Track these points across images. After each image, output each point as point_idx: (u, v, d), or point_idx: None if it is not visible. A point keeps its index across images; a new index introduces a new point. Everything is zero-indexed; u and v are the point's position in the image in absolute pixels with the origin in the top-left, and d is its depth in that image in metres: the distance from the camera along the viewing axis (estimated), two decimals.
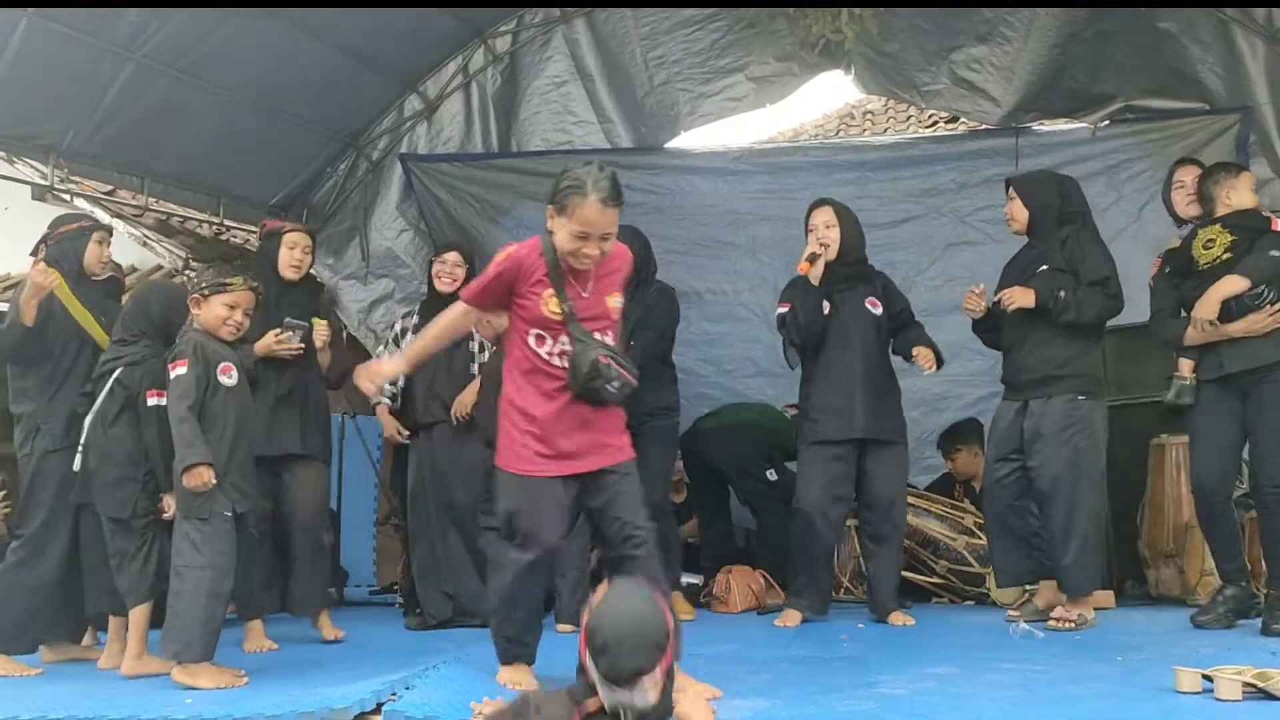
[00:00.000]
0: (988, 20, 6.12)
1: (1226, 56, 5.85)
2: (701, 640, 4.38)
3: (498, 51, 6.71)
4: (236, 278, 3.92)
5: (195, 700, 3.30)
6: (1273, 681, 2.95)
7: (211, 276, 3.93)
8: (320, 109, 6.37)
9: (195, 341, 3.79)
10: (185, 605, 3.60)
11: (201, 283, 3.91)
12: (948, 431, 6.02)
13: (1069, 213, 4.58)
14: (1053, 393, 4.43)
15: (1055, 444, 4.39)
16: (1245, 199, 4.24)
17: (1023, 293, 4.43)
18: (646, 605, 2.50)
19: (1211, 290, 4.19)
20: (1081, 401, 4.41)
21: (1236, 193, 4.24)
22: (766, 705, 3.03)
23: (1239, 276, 4.14)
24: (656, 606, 2.49)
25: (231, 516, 3.71)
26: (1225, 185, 4.26)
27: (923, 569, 5.43)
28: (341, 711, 3.01)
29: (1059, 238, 4.52)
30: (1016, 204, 4.62)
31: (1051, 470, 4.38)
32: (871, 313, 4.76)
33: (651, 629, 2.43)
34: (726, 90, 6.63)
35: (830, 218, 4.78)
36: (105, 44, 4.98)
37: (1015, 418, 4.54)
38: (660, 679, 2.42)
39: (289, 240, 4.73)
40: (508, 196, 6.80)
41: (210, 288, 3.85)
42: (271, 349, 4.50)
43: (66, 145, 5.31)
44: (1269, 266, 4.12)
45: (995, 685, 3.28)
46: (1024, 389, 4.53)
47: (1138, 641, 4.02)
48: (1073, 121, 6.37)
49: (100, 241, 4.37)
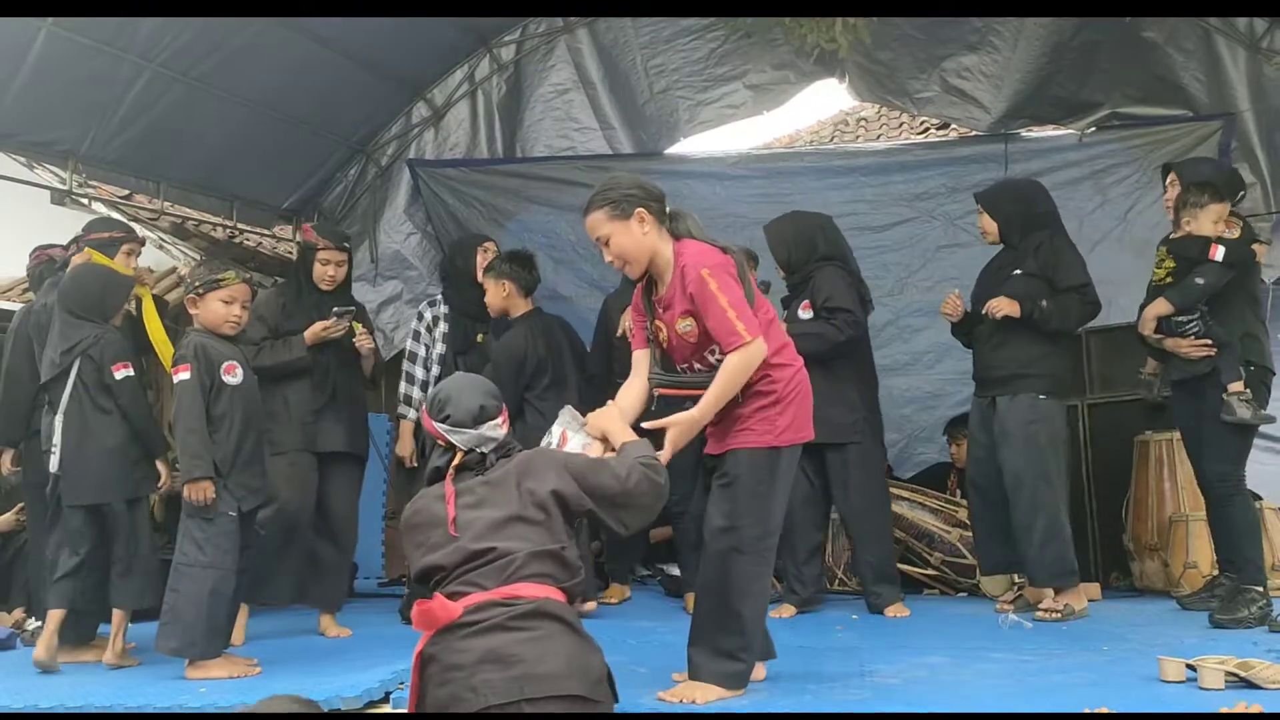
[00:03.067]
0: (977, 30, 6.12)
1: (1209, 64, 5.85)
2: None
3: (503, 60, 6.71)
4: (229, 272, 3.84)
5: (209, 690, 3.30)
6: (1254, 671, 2.95)
7: (204, 274, 3.83)
8: (330, 116, 6.37)
9: (196, 344, 3.72)
10: (186, 603, 3.55)
11: (195, 281, 3.82)
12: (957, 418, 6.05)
13: (1036, 215, 4.62)
14: (1017, 390, 4.49)
15: (1019, 440, 4.45)
16: (1203, 227, 4.28)
17: (1008, 303, 4.45)
18: (474, 375, 2.95)
19: (1147, 309, 4.39)
20: (1043, 401, 4.48)
21: (1196, 221, 4.30)
22: (764, 695, 3.03)
23: (1165, 300, 4.32)
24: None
25: (236, 516, 3.68)
26: (1191, 209, 4.32)
27: (917, 561, 5.43)
28: (352, 700, 3.01)
29: (1032, 244, 4.55)
30: (985, 218, 4.70)
31: (1014, 466, 4.45)
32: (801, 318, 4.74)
33: (481, 384, 2.78)
34: (725, 98, 6.64)
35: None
36: (122, 53, 4.98)
37: (984, 414, 4.63)
38: (505, 422, 2.72)
39: (322, 257, 4.70)
40: (513, 201, 6.82)
41: (204, 285, 3.77)
42: (320, 335, 4.52)
43: (85, 151, 5.30)
44: (1192, 292, 4.26)
45: (985, 674, 3.29)
46: (991, 386, 4.60)
47: (1123, 632, 4.02)
48: (1060, 128, 6.37)
49: (129, 253, 4.37)
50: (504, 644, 2.33)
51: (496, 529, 2.49)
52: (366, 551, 6.85)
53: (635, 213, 3.07)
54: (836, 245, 4.90)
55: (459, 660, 2.33)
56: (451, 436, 2.66)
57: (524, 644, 2.33)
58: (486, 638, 2.34)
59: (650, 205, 3.10)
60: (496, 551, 2.45)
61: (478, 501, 2.55)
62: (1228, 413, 4.15)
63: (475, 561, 2.46)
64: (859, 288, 4.86)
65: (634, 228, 3.07)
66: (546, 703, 2.27)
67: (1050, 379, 4.51)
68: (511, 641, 2.33)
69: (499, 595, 2.41)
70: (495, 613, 2.37)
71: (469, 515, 2.52)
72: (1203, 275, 4.24)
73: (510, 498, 2.54)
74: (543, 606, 2.40)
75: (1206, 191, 4.31)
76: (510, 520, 2.50)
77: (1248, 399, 4.17)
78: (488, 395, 2.73)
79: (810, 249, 4.86)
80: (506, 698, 2.27)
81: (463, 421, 2.65)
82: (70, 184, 5.39)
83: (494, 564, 2.44)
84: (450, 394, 2.71)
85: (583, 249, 6.73)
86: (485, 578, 2.43)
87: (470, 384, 2.78)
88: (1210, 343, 4.23)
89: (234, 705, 3.02)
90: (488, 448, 2.66)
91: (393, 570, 6.96)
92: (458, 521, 2.51)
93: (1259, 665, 2.99)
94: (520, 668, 2.29)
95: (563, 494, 2.56)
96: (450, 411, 2.67)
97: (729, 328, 2.95)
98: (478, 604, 2.39)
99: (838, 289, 4.70)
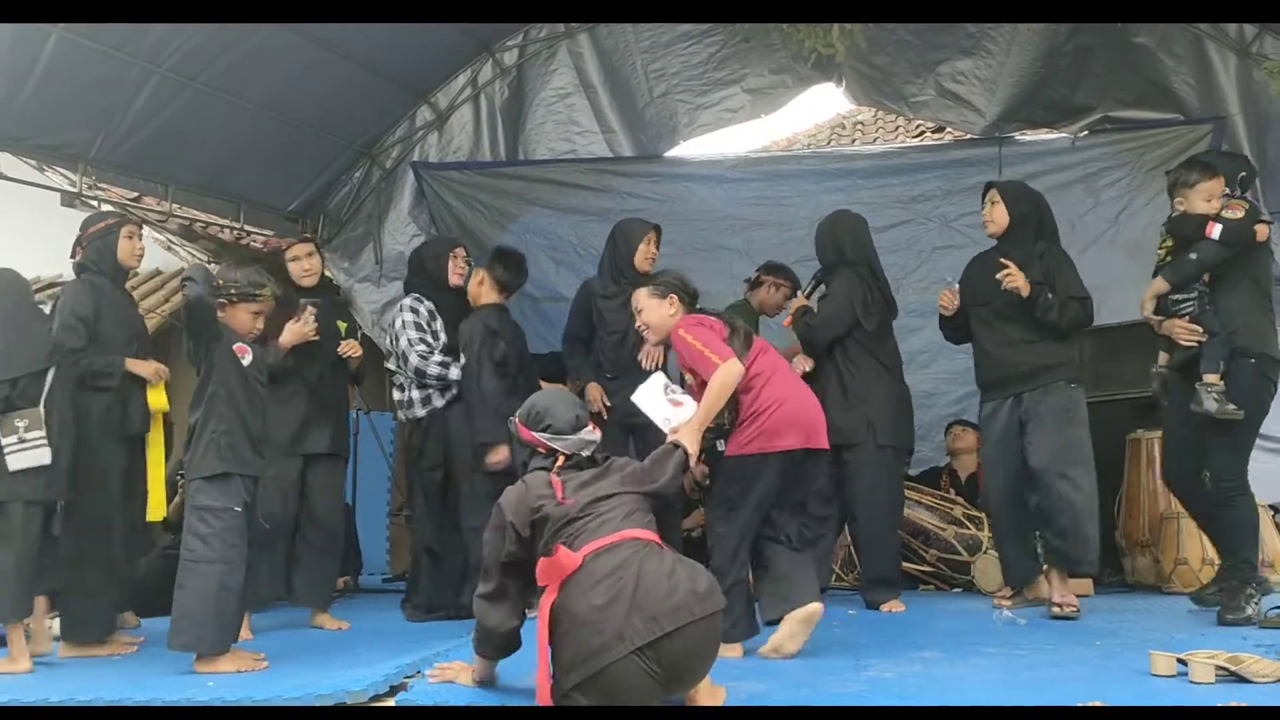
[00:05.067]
0: (972, 35, 6.12)
1: (1199, 69, 5.85)
2: None
3: (505, 65, 6.71)
4: (265, 288, 3.91)
5: (216, 684, 3.30)
6: (1244, 665, 2.96)
7: (242, 283, 3.88)
8: (336, 120, 6.37)
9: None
10: (194, 599, 3.54)
11: (230, 288, 3.85)
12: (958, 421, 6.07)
13: (1045, 223, 4.59)
14: (1047, 382, 4.42)
15: (1053, 429, 4.37)
16: (1196, 205, 4.20)
17: (1023, 280, 4.39)
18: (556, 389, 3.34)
19: (1149, 288, 4.34)
20: (1073, 389, 4.44)
21: (1188, 200, 4.24)
22: (763, 688, 3.03)
23: (1162, 279, 4.27)
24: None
25: (242, 511, 3.67)
26: (1181, 189, 4.27)
27: (913, 557, 5.44)
28: (358, 694, 3.01)
29: (1035, 252, 4.51)
30: (1000, 208, 4.59)
31: (1049, 454, 4.35)
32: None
33: (568, 397, 3.16)
34: (724, 102, 6.63)
35: None
36: (131, 58, 4.98)
37: (1009, 414, 4.51)
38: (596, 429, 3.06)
39: (290, 255, 4.83)
40: (515, 203, 6.82)
41: (240, 295, 3.84)
42: (298, 334, 4.53)
43: (94, 154, 5.30)
44: (1186, 268, 4.19)
45: (979, 668, 3.29)
46: (1013, 383, 4.50)
47: (1114, 627, 4.03)
48: (1053, 131, 6.36)
49: (130, 235, 4.32)
50: (630, 585, 2.59)
51: (605, 498, 2.84)
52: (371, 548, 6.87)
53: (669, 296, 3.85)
54: (862, 250, 4.92)
55: (591, 614, 2.58)
56: (555, 444, 2.98)
57: (649, 583, 2.60)
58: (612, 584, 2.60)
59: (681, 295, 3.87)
60: (607, 507, 2.80)
61: (582, 484, 2.88)
62: (1195, 402, 4.07)
63: (587, 515, 2.78)
64: (883, 290, 4.88)
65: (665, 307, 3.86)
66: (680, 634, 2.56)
67: (1076, 367, 4.49)
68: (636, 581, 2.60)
69: (618, 539, 2.71)
70: (616, 555, 2.66)
71: (579, 493, 2.85)
72: (1197, 251, 4.13)
73: (612, 480, 2.91)
74: (652, 546, 2.74)
75: (1195, 169, 4.25)
76: (616, 494, 2.86)
77: (1220, 392, 4.05)
78: (578, 406, 3.08)
79: (837, 252, 4.91)
80: (649, 636, 2.54)
81: (563, 430, 2.98)
82: (80, 186, 5.38)
83: (606, 515, 2.76)
84: (547, 406, 3.03)
85: (583, 250, 6.74)
86: (603, 526, 2.75)
87: (561, 397, 3.13)
88: (1200, 330, 4.14)
89: (241, 700, 3.03)
90: (589, 451, 3.01)
91: (397, 566, 6.97)
92: (566, 496, 2.82)
93: (1249, 660, 2.99)
94: (651, 607, 2.57)
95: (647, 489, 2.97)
96: (550, 422, 2.99)
97: (704, 360, 3.58)
98: (598, 550, 2.68)
99: (838, 293, 4.81)
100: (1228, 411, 4.04)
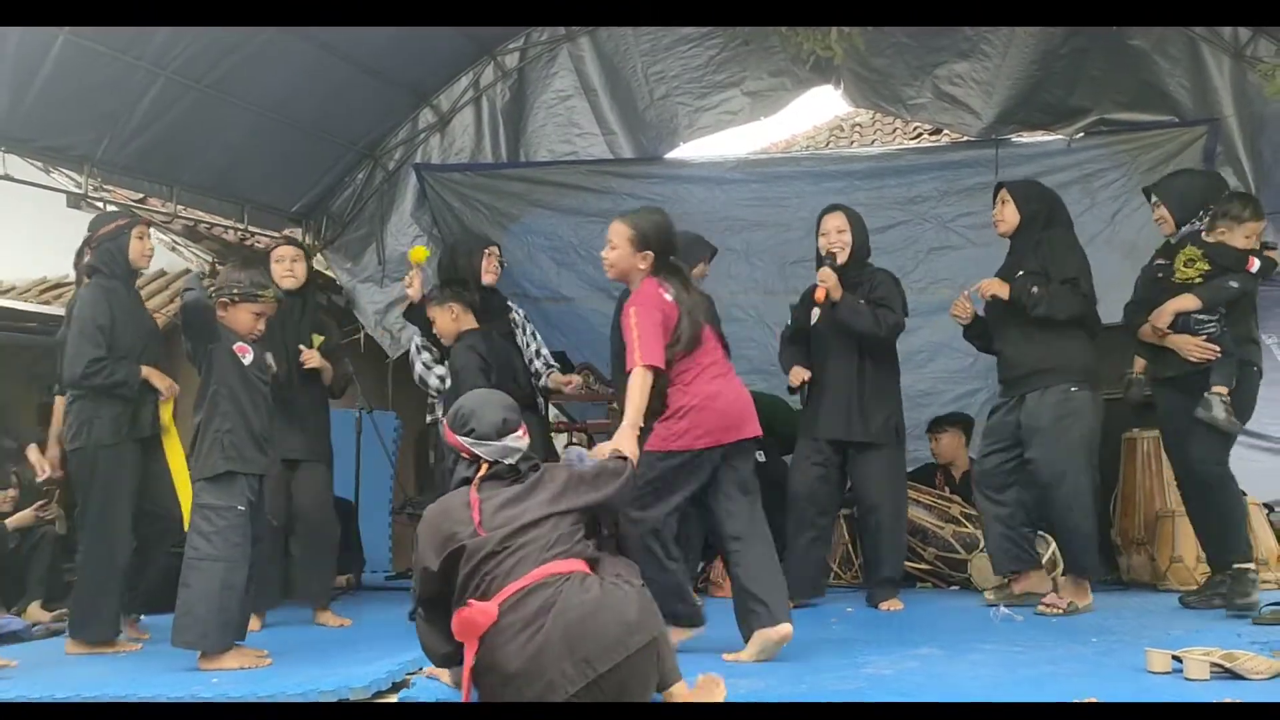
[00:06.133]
0: (969, 38, 6.11)
1: (1194, 71, 5.85)
2: None
3: (506, 68, 6.71)
4: (267, 289, 3.90)
5: (221, 680, 3.30)
6: (1239, 662, 2.95)
7: (244, 284, 3.86)
8: (339, 121, 6.37)
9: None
10: (198, 597, 3.54)
11: (233, 287, 3.84)
12: (939, 417, 6.03)
13: (1055, 222, 4.57)
14: (1046, 384, 4.39)
15: (1052, 435, 4.34)
16: (1236, 240, 4.28)
17: (998, 284, 4.42)
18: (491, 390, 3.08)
19: (1169, 303, 4.31)
20: (1075, 393, 4.38)
21: (1232, 232, 4.28)
22: (762, 685, 3.03)
23: (1193, 297, 4.27)
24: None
25: (245, 510, 3.67)
26: (1230, 220, 4.29)
27: (911, 555, 5.42)
28: (360, 690, 3.01)
29: (1034, 242, 4.51)
30: (1010, 207, 4.56)
31: (1050, 460, 4.33)
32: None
33: (501, 399, 2.89)
34: (723, 104, 6.63)
35: (842, 223, 4.72)
36: (136, 60, 4.98)
37: (1009, 413, 4.51)
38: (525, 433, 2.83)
39: (276, 255, 4.79)
40: (516, 204, 6.82)
41: (243, 295, 3.82)
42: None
43: (100, 155, 5.31)
44: (1222, 293, 4.24)
45: (976, 665, 3.29)
46: (1018, 384, 4.49)
47: (1110, 624, 4.02)
48: (1049, 133, 6.36)
49: (140, 236, 4.29)
50: (557, 630, 2.42)
51: (526, 528, 2.59)
52: (374, 545, 6.87)
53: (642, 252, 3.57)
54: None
55: (519, 666, 2.42)
56: (476, 449, 2.76)
57: (574, 622, 2.43)
58: (535, 633, 2.42)
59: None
60: (525, 540, 2.55)
61: (504, 503, 2.64)
62: (1204, 408, 4.12)
63: (504, 551, 2.55)
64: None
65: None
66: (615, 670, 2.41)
67: (1081, 370, 4.41)
68: (562, 624, 2.43)
69: (535, 578, 2.50)
70: (536, 598, 2.46)
71: (498, 516, 2.61)
72: (1238, 281, 4.24)
73: (539, 500, 2.66)
74: (575, 577, 2.51)
75: (1248, 207, 4.33)
76: (540, 520, 2.62)
77: (1228, 403, 4.14)
78: (508, 409, 2.84)
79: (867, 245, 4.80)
80: (582, 681, 2.39)
81: (487, 435, 2.76)
82: (86, 188, 5.39)
83: (524, 551, 2.54)
84: (473, 408, 2.81)
85: (584, 251, 6.74)
86: (519, 565, 2.52)
87: (490, 399, 2.89)
88: (1217, 348, 4.21)
89: (245, 696, 3.03)
90: (513, 459, 2.77)
91: (400, 564, 6.97)
92: (484, 523, 2.59)
93: (1243, 656, 2.99)
94: (581, 649, 2.40)
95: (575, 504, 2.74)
96: (474, 425, 2.77)
97: (630, 349, 3.43)
98: (514, 595, 2.48)
99: (893, 293, 4.70)
100: (1233, 424, 4.17)
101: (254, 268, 4.11)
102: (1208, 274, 4.27)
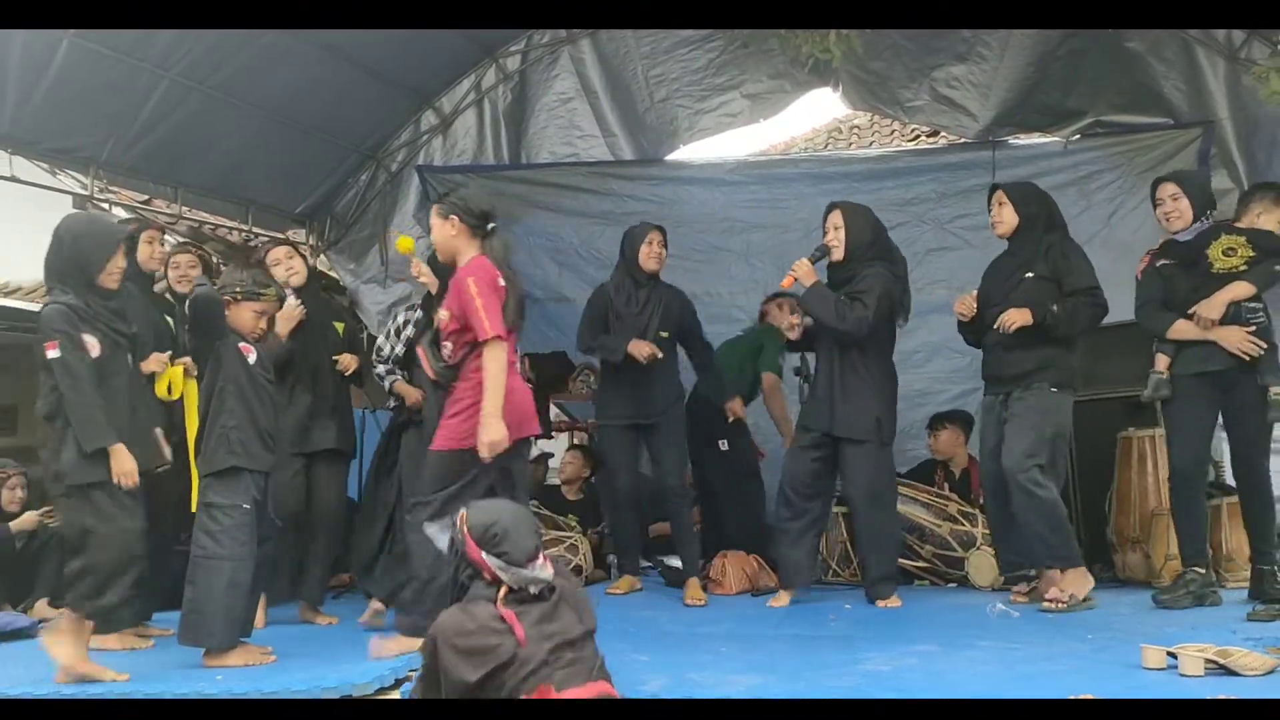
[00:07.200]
0: (966, 40, 6.12)
1: (1189, 74, 5.85)
2: (699, 620, 4.40)
3: (508, 70, 6.71)
4: (270, 288, 3.90)
5: (225, 677, 3.30)
6: (1233, 659, 2.95)
7: (247, 283, 3.85)
8: (342, 124, 6.37)
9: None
10: (204, 595, 3.54)
11: (235, 287, 3.84)
12: (938, 414, 6.03)
13: (1054, 219, 4.59)
14: (1031, 384, 4.42)
15: (1026, 429, 4.36)
16: (1269, 224, 4.27)
17: (1021, 314, 4.38)
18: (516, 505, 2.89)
19: (1220, 292, 4.18)
20: (1055, 394, 4.41)
21: (1267, 215, 4.27)
22: (761, 681, 3.03)
23: (1246, 283, 4.16)
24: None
25: (251, 507, 3.67)
26: (1261, 205, 4.30)
27: (909, 553, 5.42)
28: (363, 686, 3.02)
29: (1042, 246, 4.49)
30: (1008, 209, 4.57)
31: (1017, 454, 4.34)
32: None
33: (529, 518, 2.75)
34: (723, 106, 6.64)
35: (838, 219, 4.72)
36: (141, 63, 4.99)
37: (997, 411, 4.54)
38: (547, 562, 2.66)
39: (271, 259, 4.79)
40: (518, 206, 6.82)
41: (245, 294, 3.81)
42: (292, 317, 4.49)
43: (105, 157, 5.31)
44: (1272, 277, 4.16)
45: (973, 661, 3.29)
46: (1006, 383, 4.52)
47: (1106, 621, 4.02)
48: (1046, 135, 6.37)
49: (151, 240, 4.29)
50: None
51: (572, 643, 2.54)
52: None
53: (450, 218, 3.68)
54: (887, 245, 4.87)
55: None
56: (504, 575, 2.57)
57: None
58: None
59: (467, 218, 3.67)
60: (573, 656, 2.51)
61: (539, 619, 2.54)
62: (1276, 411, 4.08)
63: (556, 661, 2.48)
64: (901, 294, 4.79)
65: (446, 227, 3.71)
66: None
67: (1064, 373, 4.45)
68: None
69: (594, 693, 2.45)
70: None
71: (537, 630, 2.51)
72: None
73: (570, 619, 2.58)
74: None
75: (1274, 192, 4.32)
76: (582, 639, 2.58)
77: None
78: (537, 534, 2.67)
79: (870, 244, 4.76)
80: None
81: (518, 562, 2.57)
82: (91, 189, 5.40)
83: (574, 667, 2.49)
84: (507, 529, 2.60)
85: (585, 252, 6.75)
86: (571, 677, 2.46)
87: (524, 520, 2.69)
88: (1262, 342, 4.12)
89: (249, 692, 3.03)
90: (536, 588, 2.59)
91: None
92: (528, 637, 2.49)
93: (1238, 653, 2.99)
94: None
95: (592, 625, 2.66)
96: (508, 550, 2.57)
97: (478, 318, 3.45)
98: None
99: (872, 289, 4.60)
100: None
101: (255, 267, 4.11)
102: (1252, 260, 4.19)
